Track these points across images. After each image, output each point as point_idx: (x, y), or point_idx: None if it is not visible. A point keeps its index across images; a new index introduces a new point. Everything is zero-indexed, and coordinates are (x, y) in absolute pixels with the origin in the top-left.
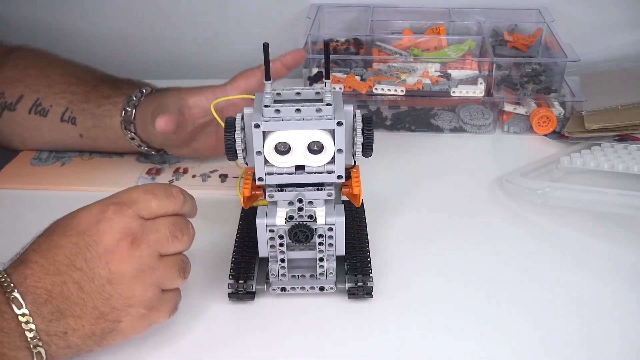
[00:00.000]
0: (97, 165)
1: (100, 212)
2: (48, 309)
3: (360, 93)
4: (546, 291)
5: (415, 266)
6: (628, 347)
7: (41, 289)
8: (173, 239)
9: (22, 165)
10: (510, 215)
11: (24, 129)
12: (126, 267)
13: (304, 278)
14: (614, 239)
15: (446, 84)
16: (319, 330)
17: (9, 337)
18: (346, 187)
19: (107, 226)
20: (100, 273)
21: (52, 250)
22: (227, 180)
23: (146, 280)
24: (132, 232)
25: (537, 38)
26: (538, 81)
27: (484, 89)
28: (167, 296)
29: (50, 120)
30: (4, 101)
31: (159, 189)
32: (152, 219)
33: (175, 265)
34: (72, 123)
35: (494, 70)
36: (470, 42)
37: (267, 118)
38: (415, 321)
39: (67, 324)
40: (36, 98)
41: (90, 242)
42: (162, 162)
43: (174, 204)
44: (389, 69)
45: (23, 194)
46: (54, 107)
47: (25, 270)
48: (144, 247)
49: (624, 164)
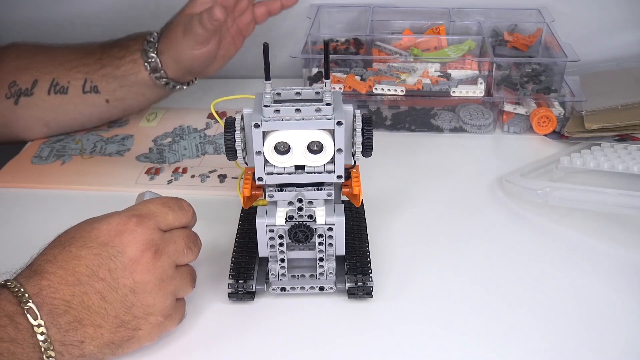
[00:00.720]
0: (97, 164)
1: (121, 224)
2: (65, 319)
3: (360, 93)
4: (546, 291)
5: (415, 266)
6: (628, 346)
7: (59, 299)
8: (187, 250)
9: (23, 163)
10: (510, 215)
11: (47, 110)
12: (149, 276)
13: (303, 278)
14: (614, 239)
15: (446, 84)
16: (319, 330)
17: (22, 347)
18: (346, 187)
19: (130, 238)
20: (125, 283)
21: (71, 261)
22: (226, 180)
23: (166, 289)
24: (154, 244)
25: (537, 38)
26: (538, 81)
27: (484, 89)
28: (178, 304)
29: (72, 95)
30: (18, 88)
31: (173, 202)
32: (169, 231)
33: (188, 274)
34: (94, 92)
35: (493, 70)
36: (470, 42)
37: (266, 118)
38: (415, 321)
39: (86, 333)
40: (52, 79)
41: (114, 253)
42: (161, 162)
43: (186, 216)
44: (389, 69)
45: (23, 192)
46: (72, 82)
47: (42, 281)
48: (164, 257)
49: (624, 164)
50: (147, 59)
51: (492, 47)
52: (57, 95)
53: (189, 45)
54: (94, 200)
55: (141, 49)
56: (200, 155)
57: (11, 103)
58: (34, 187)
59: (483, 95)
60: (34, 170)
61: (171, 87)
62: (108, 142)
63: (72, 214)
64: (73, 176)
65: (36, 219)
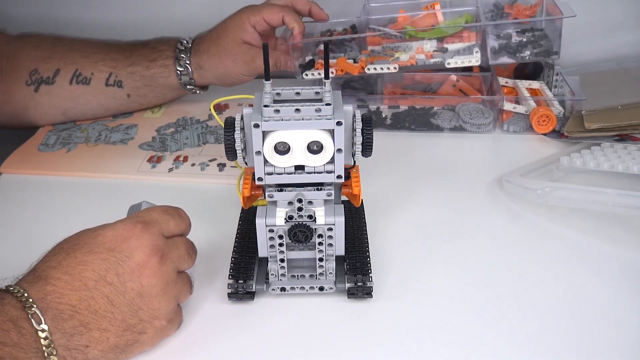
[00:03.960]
0: (101, 152)
1: (127, 230)
2: (71, 324)
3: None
4: (546, 291)
5: (414, 266)
6: (628, 346)
7: (65, 304)
8: (188, 256)
9: (30, 150)
10: (510, 215)
11: (66, 99)
12: (155, 280)
13: (303, 278)
14: (613, 238)
15: (441, 57)
16: (319, 330)
17: (25, 352)
18: (346, 187)
19: (137, 243)
20: (132, 287)
21: (76, 267)
22: (225, 169)
23: (170, 293)
24: (160, 249)
25: (539, 7)
26: (538, 45)
27: (479, 57)
28: (178, 309)
29: (95, 86)
30: (40, 76)
31: (172, 210)
32: (171, 237)
33: (187, 280)
34: (118, 86)
35: (488, 37)
36: (467, 15)
37: (266, 118)
38: (415, 321)
39: (91, 337)
40: (75, 69)
41: (122, 258)
42: (163, 150)
43: (185, 224)
44: (383, 50)
45: (30, 179)
46: (96, 74)
47: (46, 286)
48: (169, 262)
49: (624, 164)
50: (180, 67)
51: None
52: (79, 85)
53: (242, 71)
54: (97, 187)
55: (174, 56)
56: (201, 144)
57: (31, 90)
58: (39, 173)
59: (479, 63)
60: (40, 158)
61: (193, 92)
62: (113, 131)
63: (76, 200)
64: (77, 163)
65: (41, 205)
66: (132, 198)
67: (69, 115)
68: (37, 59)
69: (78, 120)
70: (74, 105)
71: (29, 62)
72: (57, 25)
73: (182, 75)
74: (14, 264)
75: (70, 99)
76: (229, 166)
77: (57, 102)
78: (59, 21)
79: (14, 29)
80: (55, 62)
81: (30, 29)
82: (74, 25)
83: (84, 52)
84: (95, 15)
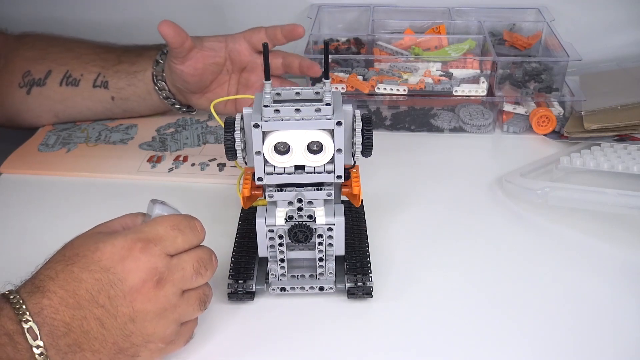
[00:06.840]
0: (101, 152)
1: (125, 249)
2: (65, 342)
3: (360, 93)
4: (546, 291)
5: (414, 266)
6: (628, 346)
7: (59, 321)
8: (197, 275)
9: (30, 150)
10: (510, 215)
11: (57, 101)
12: (150, 306)
13: (303, 278)
14: (613, 238)
15: (448, 83)
16: (319, 330)
17: None
18: (346, 187)
19: (133, 265)
20: (124, 311)
21: (72, 282)
22: (225, 169)
23: (168, 318)
24: (158, 272)
25: (537, 40)
26: (540, 80)
27: (486, 88)
28: (185, 328)
29: (83, 88)
30: (32, 78)
31: (184, 223)
32: (178, 254)
33: (196, 299)
34: (104, 87)
35: (497, 69)
36: (470, 41)
37: (266, 118)
38: (415, 321)
39: (84, 357)
40: (65, 70)
41: (115, 280)
42: (163, 150)
43: (198, 238)
44: (391, 69)
45: (30, 179)
46: (85, 75)
47: (43, 299)
48: (168, 286)
49: (624, 164)
50: (159, 58)
51: (492, 46)
52: (68, 87)
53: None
54: (97, 187)
55: (156, 55)
56: (201, 144)
57: (23, 92)
58: (39, 173)
59: (485, 94)
60: (40, 158)
61: (165, 98)
62: (113, 130)
63: (76, 200)
64: (77, 163)
65: (41, 205)
66: (132, 198)
67: (61, 118)
68: (31, 60)
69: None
70: (64, 108)
71: (23, 64)
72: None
73: (157, 68)
74: (14, 264)
75: (60, 101)
76: (229, 166)
77: (48, 104)
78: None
79: (14, 29)
80: (47, 63)
81: (31, 29)
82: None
83: (77, 53)
84: (96, 16)
